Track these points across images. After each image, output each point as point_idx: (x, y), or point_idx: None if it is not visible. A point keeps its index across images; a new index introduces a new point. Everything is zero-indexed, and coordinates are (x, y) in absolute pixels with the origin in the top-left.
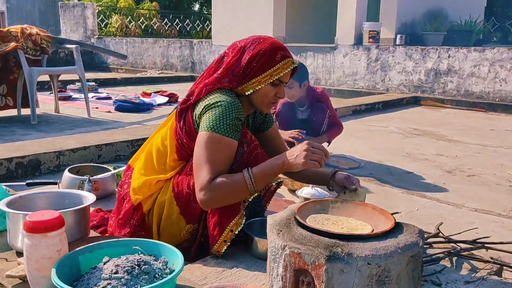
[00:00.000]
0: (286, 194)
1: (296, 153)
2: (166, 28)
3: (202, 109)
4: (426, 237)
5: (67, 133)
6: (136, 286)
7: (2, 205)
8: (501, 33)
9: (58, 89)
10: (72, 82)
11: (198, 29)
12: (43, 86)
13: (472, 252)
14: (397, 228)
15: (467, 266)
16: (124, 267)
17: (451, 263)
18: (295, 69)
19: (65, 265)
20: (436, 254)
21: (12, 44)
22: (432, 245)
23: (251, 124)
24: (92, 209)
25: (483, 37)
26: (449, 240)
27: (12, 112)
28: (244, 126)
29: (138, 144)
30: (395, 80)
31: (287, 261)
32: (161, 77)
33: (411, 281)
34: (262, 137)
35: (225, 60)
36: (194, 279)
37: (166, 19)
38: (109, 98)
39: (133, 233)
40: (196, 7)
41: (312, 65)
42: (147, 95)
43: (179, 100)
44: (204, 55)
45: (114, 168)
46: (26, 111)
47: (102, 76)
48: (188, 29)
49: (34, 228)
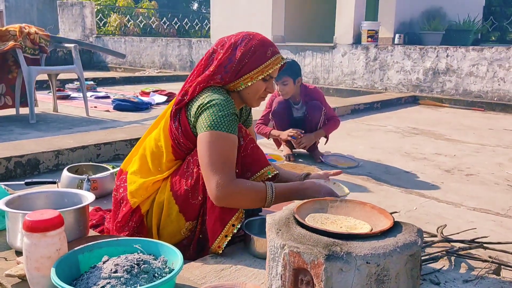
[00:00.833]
0: None
1: (322, 192)
2: (165, 27)
3: (197, 109)
4: (425, 236)
5: (66, 132)
6: (136, 285)
7: (1, 205)
8: (500, 32)
9: (57, 88)
10: (71, 81)
11: (197, 28)
12: (42, 85)
13: (471, 251)
14: (396, 227)
15: (466, 265)
16: (124, 266)
17: (450, 262)
18: (283, 65)
19: (65, 265)
20: (435, 253)
21: (11, 43)
22: (431, 244)
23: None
24: (91, 208)
25: (482, 36)
26: (448, 239)
27: (11, 111)
28: None
29: None
30: (394, 79)
31: (286, 260)
32: (160, 76)
33: (410, 280)
34: None
35: (216, 57)
36: (194, 278)
37: (165, 18)
38: (108, 97)
39: (132, 235)
40: (195, 6)
41: (311, 64)
42: (146, 94)
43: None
44: (203, 54)
45: (113, 167)
46: (25, 110)
47: (101, 75)
48: (187, 28)
49: (34, 228)
